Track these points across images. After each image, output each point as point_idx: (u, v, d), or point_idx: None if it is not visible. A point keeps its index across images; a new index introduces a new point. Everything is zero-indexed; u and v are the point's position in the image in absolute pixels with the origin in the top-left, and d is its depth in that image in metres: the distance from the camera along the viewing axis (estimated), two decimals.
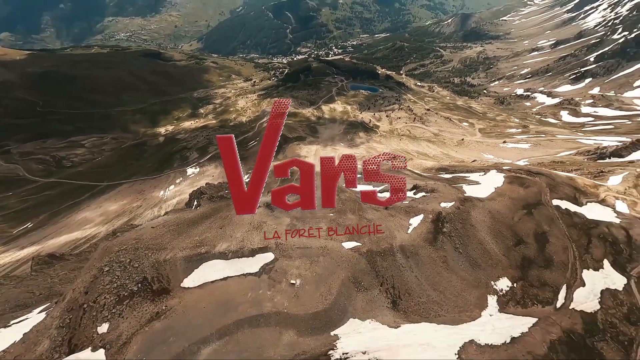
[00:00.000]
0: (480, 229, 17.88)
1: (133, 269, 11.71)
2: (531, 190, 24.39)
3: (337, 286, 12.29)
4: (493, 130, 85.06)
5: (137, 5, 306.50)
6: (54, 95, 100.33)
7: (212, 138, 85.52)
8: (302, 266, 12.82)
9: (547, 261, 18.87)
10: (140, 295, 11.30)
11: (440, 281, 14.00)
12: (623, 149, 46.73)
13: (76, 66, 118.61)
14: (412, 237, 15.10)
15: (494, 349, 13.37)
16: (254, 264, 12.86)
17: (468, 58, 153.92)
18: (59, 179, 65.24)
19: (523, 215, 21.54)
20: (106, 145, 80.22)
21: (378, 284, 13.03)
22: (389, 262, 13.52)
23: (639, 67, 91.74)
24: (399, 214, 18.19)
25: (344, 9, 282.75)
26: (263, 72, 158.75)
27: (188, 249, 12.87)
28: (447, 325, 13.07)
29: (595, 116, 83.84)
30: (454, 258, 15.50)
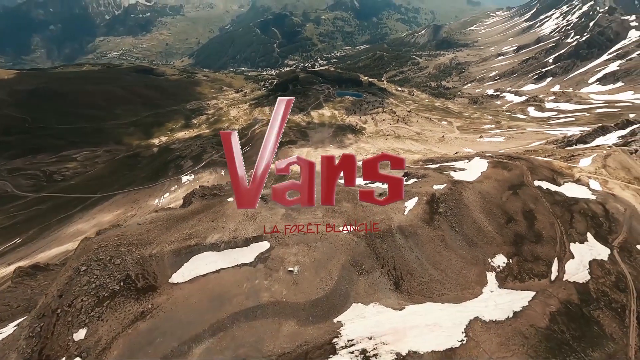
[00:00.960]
0: (472, 208, 17.14)
1: (114, 267, 10.04)
2: (514, 173, 24.12)
3: (338, 271, 11.05)
4: (470, 127, 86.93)
5: (127, 25, 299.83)
6: (44, 112, 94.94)
7: (206, 146, 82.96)
8: (299, 253, 11.52)
9: (537, 236, 18.33)
10: (122, 294, 9.65)
11: (440, 260, 13.01)
12: (587, 136, 48.25)
13: (67, 83, 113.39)
14: (409, 218, 14.11)
15: (498, 325, 12.41)
16: (248, 254, 11.45)
17: (442, 64, 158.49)
18: (50, 193, 60.83)
19: (510, 195, 21.09)
20: (99, 158, 76.02)
21: (379, 266, 11.88)
22: (388, 244, 12.43)
23: (591, 66, 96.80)
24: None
25: (326, 24, 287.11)
26: (253, 84, 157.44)
27: (177, 242, 11.30)
28: (451, 304, 12.04)
29: (558, 110, 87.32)
30: (451, 237, 14.60)
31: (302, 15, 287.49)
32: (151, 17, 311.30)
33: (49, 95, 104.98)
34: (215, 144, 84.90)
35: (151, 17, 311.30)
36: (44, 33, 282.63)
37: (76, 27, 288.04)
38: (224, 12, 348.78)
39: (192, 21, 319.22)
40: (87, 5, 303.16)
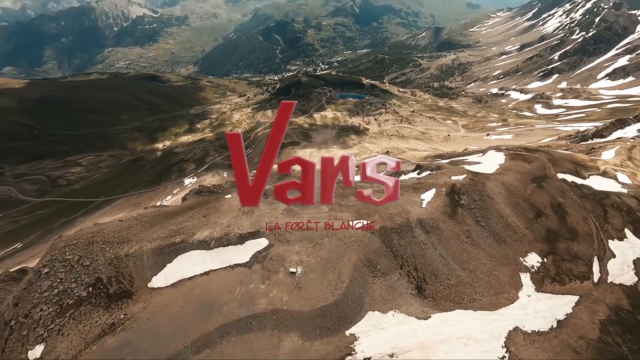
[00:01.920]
0: (498, 200, 15.06)
1: (83, 269, 8.34)
2: (535, 165, 21.92)
3: (349, 272, 9.16)
4: (475, 125, 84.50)
5: (135, 36, 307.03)
6: (51, 118, 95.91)
7: (208, 149, 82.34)
8: (303, 251, 9.68)
9: (571, 233, 16.09)
10: (90, 302, 7.91)
11: (468, 259, 11.00)
12: (604, 130, 45.60)
13: (74, 90, 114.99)
14: (428, 211, 12.16)
15: (543, 337, 10.25)
16: (243, 253, 9.66)
17: (444, 65, 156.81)
18: (54, 197, 60.26)
19: (534, 188, 18.95)
20: (103, 163, 75.73)
21: (397, 266, 9.95)
22: (407, 240, 10.50)
23: (599, 61, 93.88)
24: (407, 192, 15.26)
25: (327, 30, 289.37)
26: (256, 88, 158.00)
27: (159, 240, 9.57)
28: (484, 311, 9.98)
29: (566, 107, 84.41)
30: (477, 232, 12.58)
31: (304, 21, 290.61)
32: (157, 28, 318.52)
33: (56, 103, 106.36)
34: (218, 147, 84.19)
35: (157, 28, 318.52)
36: (56, 45, 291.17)
37: (86, 39, 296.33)
38: (228, 21, 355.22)
39: (197, 30, 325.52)
40: (96, 18, 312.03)
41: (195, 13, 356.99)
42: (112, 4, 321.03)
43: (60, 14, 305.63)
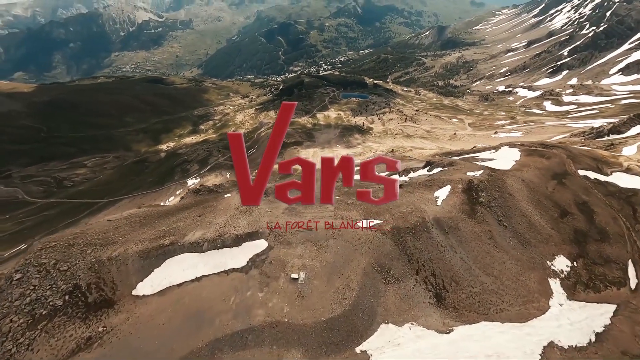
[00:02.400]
0: (519, 198, 13.72)
1: (59, 275, 7.41)
2: (554, 161, 20.43)
3: (358, 278, 8.02)
4: (482, 123, 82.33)
5: (141, 40, 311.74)
6: (58, 121, 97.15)
7: (212, 150, 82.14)
8: (306, 254, 8.60)
9: (601, 234, 14.62)
10: (65, 312, 6.97)
11: (491, 263, 9.75)
12: (621, 125, 43.33)
13: (81, 94, 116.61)
14: (445, 209, 10.94)
15: (581, 353, 8.92)
16: (239, 256, 8.62)
17: (448, 63, 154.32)
18: (59, 199, 60.49)
19: (555, 185, 17.50)
20: (108, 164, 76.04)
21: (413, 271, 8.76)
22: (423, 241, 9.32)
23: (611, 56, 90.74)
24: (418, 189, 14.04)
25: (330, 31, 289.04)
26: (259, 90, 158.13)
27: (147, 242, 8.60)
28: (514, 323, 8.72)
29: (578, 104, 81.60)
30: (500, 233, 11.30)
31: (306, 23, 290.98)
32: (162, 32, 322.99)
33: (64, 106, 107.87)
34: (221, 148, 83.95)
35: (162, 32, 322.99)
36: (65, 51, 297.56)
37: (94, 44, 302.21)
38: (231, 24, 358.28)
39: (201, 34, 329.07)
40: (104, 23, 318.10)
41: (199, 17, 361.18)
42: (118, 10, 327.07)
43: (68, 20, 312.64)
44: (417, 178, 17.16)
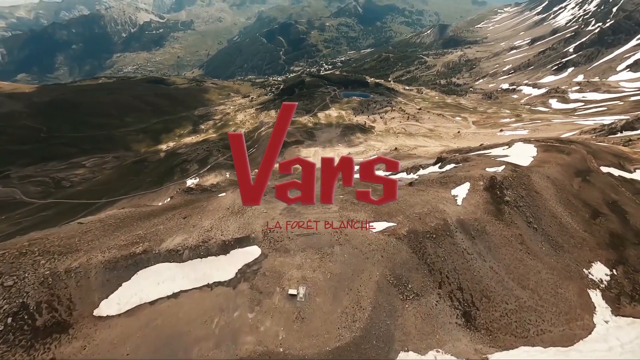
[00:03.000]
0: (547, 197, 12.12)
1: (2, 292, 5.99)
2: (575, 157, 18.74)
3: (371, 294, 6.50)
4: (487, 121, 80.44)
5: (142, 41, 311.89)
6: (59, 121, 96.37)
7: (212, 150, 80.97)
8: (306, 264, 7.10)
9: (638, 236, 13.00)
10: (6, 340, 5.52)
11: (526, 273, 8.18)
12: (636, 122, 41.40)
13: (81, 94, 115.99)
14: (468, 210, 9.39)
15: None
16: (227, 267, 7.14)
17: (450, 62, 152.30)
18: (57, 199, 59.41)
19: (580, 183, 15.85)
20: (107, 164, 74.97)
21: (435, 284, 7.21)
22: (445, 248, 7.78)
23: (619, 52, 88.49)
24: (432, 187, 12.47)
25: (330, 30, 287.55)
26: (260, 89, 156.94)
27: (115, 249, 7.14)
28: (559, 348, 7.18)
29: (585, 101, 79.54)
30: (530, 237, 9.75)
31: (307, 23, 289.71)
32: (164, 33, 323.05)
33: (65, 106, 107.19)
34: (221, 147, 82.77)
35: (164, 33, 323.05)
36: (67, 52, 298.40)
37: (96, 45, 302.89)
38: (232, 24, 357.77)
39: (202, 35, 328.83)
40: (105, 24, 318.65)
41: (200, 17, 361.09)
42: (120, 11, 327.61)
43: (71, 21, 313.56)
44: (429, 175, 15.61)
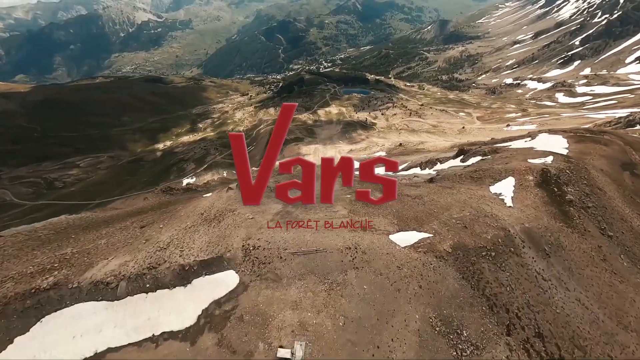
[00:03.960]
0: (611, 195, 9.52)
1: None
2: (614, 149, 16.00)
3: (411, 354, 4.01)
4: (492, 117, 77.57)
5: (140, 41, 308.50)
6: (53, 121, 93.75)
7: (209, 148, 78.54)
8: (307, 301, 4.53)
9: None
10: None
11: (621, 305, 5.64)
12: None
13: (77, 93, 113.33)
14: (528, 214, 6.76)
15: None
16: (184, 306, 4.59)
17: (452, 57, 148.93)
18: (48, 200, 56.98)
19: (630, 177, 13.24)
20: (102, 164, 72.42)
21: (501, 329, 4.67)
22: (511, 271, 5.21)
23: (627, 44, 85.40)
24: (461, 184, 9.86)
25: (329, 28, 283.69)
26: (259, 87, 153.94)
27: (12, 281, 4.60)
28: None
29: (593, 94, 76.59)
30: (609, 249, 7.24)
31: (306, 20, 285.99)
32: (162, 32, 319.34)
33: (60, 105, 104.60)
34: (218, 146, 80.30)
35: (162, 32, 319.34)
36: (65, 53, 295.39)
37: (94, 45, 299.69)
38: (231, 23, 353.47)
39: (201, 34, 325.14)
40: (103, 24, 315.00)
41: (198, 16, 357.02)
42: (118, 10, 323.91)
43: (68, 22, 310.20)
44: (451, 170, 13.05)
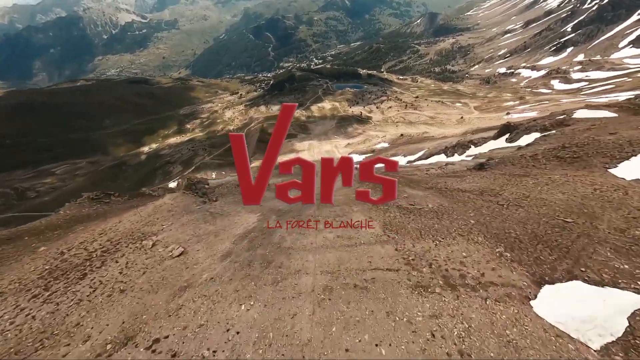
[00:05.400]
0: None
1: None
2: None
3: None
4: (489, 106, 75.01)
5: (125, 43, 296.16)
6: (29, 126, 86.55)
7: (197, 150, 73.56)
8: None
9: None
10: None
11: None
12: None
13: (55, 96, 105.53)
14: None
15: None
16: None
17: (443, 50, 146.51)
18: (18, 212, 51.23)
19: None
20: (80, 170, 66.53)
21: None
22: None
23: (620, 29, 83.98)
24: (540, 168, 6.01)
25: (319, 25, 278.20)
26: (249, 86, 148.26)
27: None
28: None
29: (589, 80, 74.70)
30: None
31: (294, 18, 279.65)
32: (147, 33, 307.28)
33: (36, 109, 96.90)
34: (207, 147, 75.32)
35: (147, 33, 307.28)
36: (45, 57, 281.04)
37: (75, 48, 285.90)
38: (218, 22, 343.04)
39: (187, 34, 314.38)
40: (85, 26, 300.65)
41: (184, 16, 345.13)
42: (99, 12, 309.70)
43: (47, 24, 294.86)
44: (505, 153, 9.28)
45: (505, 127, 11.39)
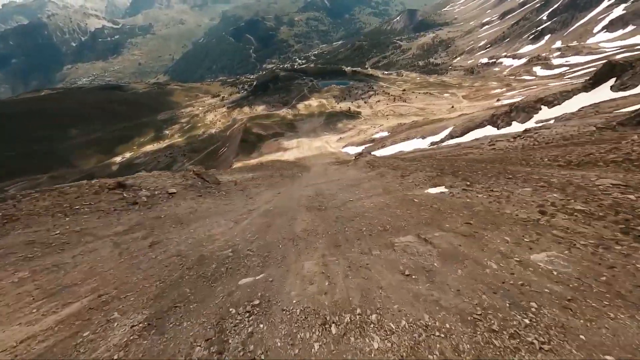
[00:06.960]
0: None
1: None
2: None
3: None
4: (477, 94, 73.67)
5: (96, 50, 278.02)
6: None
7: (176, 156, 67.02)
8: None
9: None
10: None
11: None
12: None
13: (14, 106, 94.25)
14: None
15: None
16: None
17: (425, 44, 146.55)
18: None
19: None
20: (39, 187, 58.20)
21: None
22: None
23: (592, 15, 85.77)
24: None
25: (300, 25, 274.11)
26: (231, 88, 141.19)
27: None
28: None
29: (569, 65, 74.96)
30: None
31: (275, 19, 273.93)
32: (120, 39, 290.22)
33: None
34: (187, 152, 68.85)
35: (120, 39, 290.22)
36: (7, 67, 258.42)
37: (41, 57, 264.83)
38: (196, 26, 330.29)
39: (164, 38, 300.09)
40: (50, 34, 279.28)
41: (159, 21, 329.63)
42: (66, 18, 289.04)
43: (7, 33, 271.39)
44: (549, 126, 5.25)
45: (610, 67, 7.38)
